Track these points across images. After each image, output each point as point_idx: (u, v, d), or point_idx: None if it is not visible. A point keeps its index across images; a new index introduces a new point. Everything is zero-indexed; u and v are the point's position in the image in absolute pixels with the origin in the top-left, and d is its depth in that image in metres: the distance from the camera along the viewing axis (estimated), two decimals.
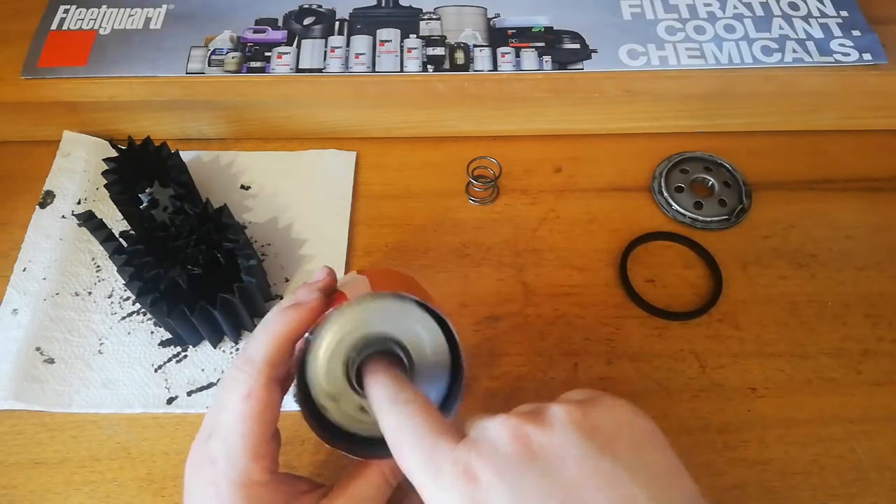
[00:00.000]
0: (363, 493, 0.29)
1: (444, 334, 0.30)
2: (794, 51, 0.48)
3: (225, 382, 0.28)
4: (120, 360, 0.41)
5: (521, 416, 0.24)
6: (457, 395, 0.30)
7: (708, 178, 0.49)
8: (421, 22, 0.51)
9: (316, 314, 0.29)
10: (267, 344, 0.28)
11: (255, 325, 0.33)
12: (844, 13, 0.50)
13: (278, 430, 0.29)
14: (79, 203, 0.47)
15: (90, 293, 0.44)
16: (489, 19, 0.51)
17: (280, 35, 0.50)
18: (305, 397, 0.29)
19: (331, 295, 0.30)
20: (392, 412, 0.26)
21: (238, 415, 0.27)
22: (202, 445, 0.28)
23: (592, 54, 0.49)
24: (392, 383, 0.27)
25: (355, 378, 0.28)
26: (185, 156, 0.48)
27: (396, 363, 0.29)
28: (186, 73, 0.48)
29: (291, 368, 0.29)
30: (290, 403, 0.29)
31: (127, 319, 0.43)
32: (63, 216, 0.47)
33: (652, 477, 0.23)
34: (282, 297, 0.44)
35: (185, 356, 0.42)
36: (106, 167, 0.44)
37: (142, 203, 0.46)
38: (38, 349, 0.41)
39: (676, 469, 0.24)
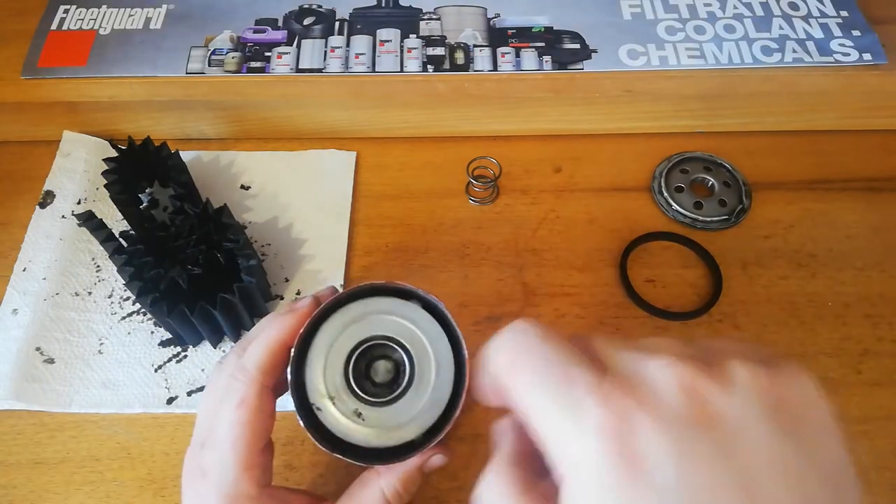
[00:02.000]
0: None
1: (443, 325, 0.30)
2: (794, 51, 0.48)
3: (217, 390, 0.28)
4: (120, 360, 0.41)
5: (695, 366, 0.20)
6: (458, 398, 0.30)
7: (708, 178, 0.49)
8: (421, 22, 0.51)
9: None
10: (260, 351, 0.27)
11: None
12: (844, 13, 0.50)
13: (272, 441, 0.29)
14: (79, 203, 0.47)
15: (90, 293, 0.44)
16: (489, 19, 0.51)
17: (280, 35, 0.50)
18: (301, 400, 0.28)
19: None
20: (504, 334, 0.21)
21: (230, 423, 0.26)
22: (195, 454, 0.27)
23: (592, 54, 0.49)
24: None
25: (354, 380, 0.28)
26: (185, 156, 0.48)
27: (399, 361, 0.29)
28: (186, 73, 0.48)
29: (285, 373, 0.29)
30: (289, 404, 0.29)
31: (127, 319, 0.43)
32: (63, 216, 0.47)
33: (834, 478, 0.19)
34: (282, 298, 0.44)
35: (186, 356, 0.42)
36: (106, 167, 0.44)
37: (142, 203, 0.46)
38: (38, 349, 0.41)
39: (852, 472, 0.20)
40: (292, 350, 0.28)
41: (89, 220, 0.40)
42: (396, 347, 0.29)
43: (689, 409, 0.19)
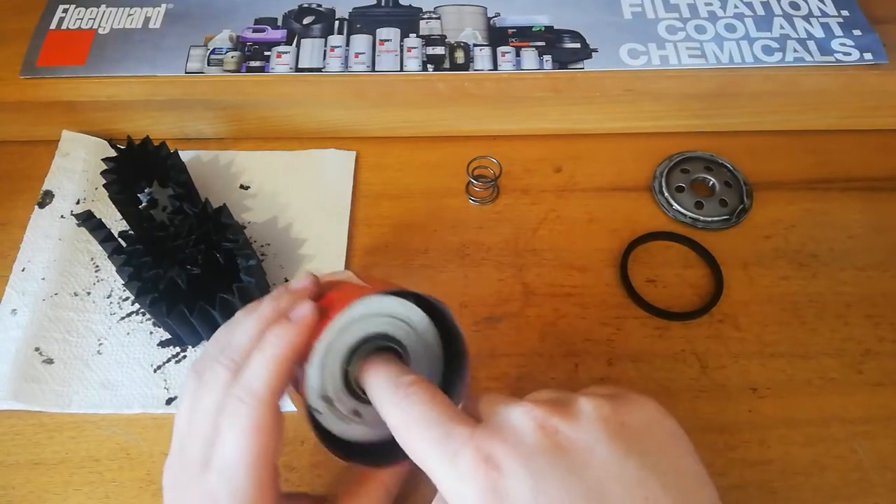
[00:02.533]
0: None
1: (437, 323, 0.30)
2: (795, 50, 0.48)
3: (213, 407, 0.26)
4: (119, 360, 0.41)
5: (547, 406, 0.23)
6: (461, 382, 0.30)
7: (709, 177, 0.49)
8: (421, 21, 0.51)
9: (313, 331, 0.27)
10: (268, 371, 0.26)
11: None
12: (845, 12, 0.50)
13: None
14: (78, 203, 0.47)
15: (89, 293, 0.44)
16: (489, 18, 0.51)
17: (279, 34, 0.50)
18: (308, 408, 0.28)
19: (318, 300, 0.30)
20: (396, 400, 0.25)
21: (245, 451, 0.25)
22: (197, 478, 0.26)
23: (593, 53, 0.49)
24: (393, 371, 0.26)
25: (354, 380, 0.28)
26: (185, 155, 0.47)
27: (396, 358, 0.28)
28: (185, 73, 0.48)
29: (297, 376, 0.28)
30: (287, 405, 0.28)
31: (126, 320, 0.43)
32: (62, 216, 0.47)
33: (678, 482, 0.22)
34: None
35: (185, 356, 0.41)
36: (105, 167, 0.44)
37: (141, 203, 0.45)
38: (36, 349, 0.41)
39: (701, 476, 0.23)
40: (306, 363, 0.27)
41: (88, 220, 0.40)
42: (393, 346, 0.29)
43: (543, 440, 0.22)
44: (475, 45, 0.49)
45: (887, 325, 0.43)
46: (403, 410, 0.24)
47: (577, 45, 0.49)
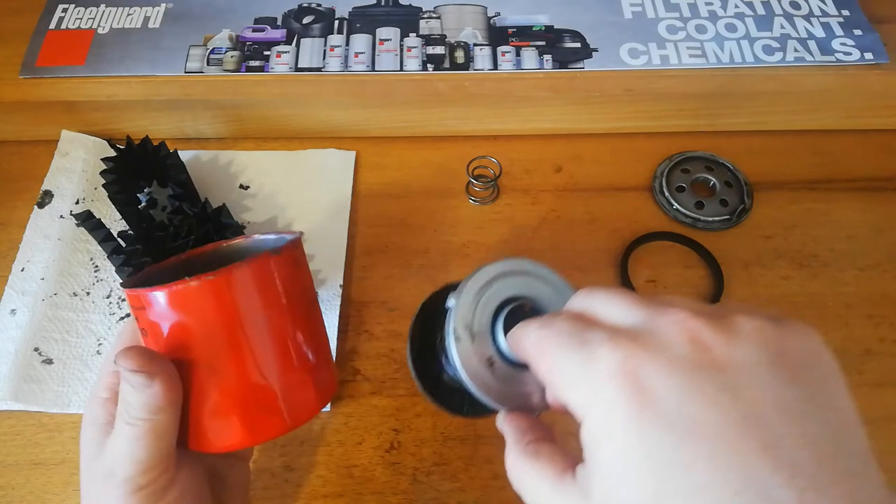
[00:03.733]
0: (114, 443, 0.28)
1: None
2: (796, 50, 0.48)
3: None
4: None
5: (702, 319, 0.21)
6: None
7: (709, 177, 0.49)
8: (421, 21, 0.51)
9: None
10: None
11: None
12: (846, 12, 0.50)
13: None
14: (77, 203, 0.47)
15: (88, 293, 0.44)
16: (489, 18, 0.51)
17: (279, 34, 0.50)
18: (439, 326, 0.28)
19: None
20: (536, 327, 0.24)
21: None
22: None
23: (593, 53, 0.49)
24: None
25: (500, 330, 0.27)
26: (184, 155, 0.47)
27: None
28: (185, 73, 0.48)
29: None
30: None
31: (125, 320, 0.43)
32: (61, 216, 0.46)
33: (835, 418, 0.21)
34: None
35: None
36: (104, 167, 0.44)
37: (140, 203, 0.45)
38: (36, 350, 0.41)
39: (854, 416, 0.22)
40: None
41: (88, 220, 0.40)
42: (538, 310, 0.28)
43: (696, 354, 0.20)
44: (475, 45, 0.49)
45: (887, 325, 0.43)
46: (540, 325, 0.23)
47: (578, 45, 0.49)
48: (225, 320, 0.27)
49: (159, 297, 0.26)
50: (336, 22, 0.51)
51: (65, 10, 0.51)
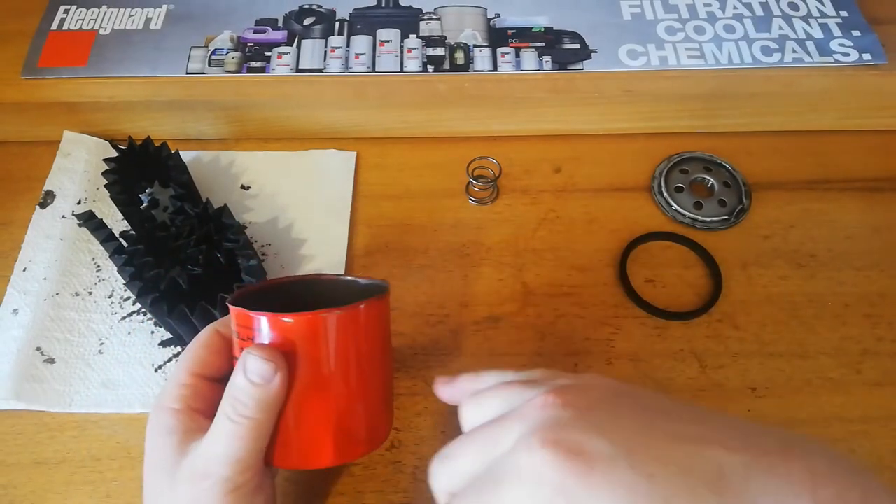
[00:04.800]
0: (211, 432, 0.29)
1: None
2: (794, 51, 0.48)
3: None
4: (120, 360, 0.41)
5: (550, 392, 0.24)
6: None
7: (708, 178, 0.49)
8: (421, 22, 0.51)
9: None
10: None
11: None
12: (844, 13, 0.51)
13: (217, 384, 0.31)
14: (79, 203, 0.47)
15: (90, 293, 0.44)
16: (489, 19, 0.51)
17: (280, 35, 0.50)
18: None
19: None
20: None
21: (183, 354, 0.32)
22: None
23: (592, 54, 0.49)
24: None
25: None
26: (186, 156, 0.48)
27: None
28: (187, 74, 0.48)
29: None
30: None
31: (127, 319, 0.43)
32: (63, 216, 0.47)
33: (685, 406, 0.25)
34: None
35: None
36: (106, 167, 0.44)
37: (142, 203, 0.46)
38: (38, 349, 0.41)
39: (666, 399, 0.26)
40: None
41: (89, 220, 0.40)
42: None
43: (576, 411, 0.23)
44: (475, 46, 0.49)
45: (885, 324, 0.43)
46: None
47: (577, 46, 0.49)
48: (343, 351, 0.29)
49: (286, 322, 0.29)
50: (337, 23, 0.51)
51: (66, 12, 0.51)
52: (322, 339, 0.29)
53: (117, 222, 0.46)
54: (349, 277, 0.35)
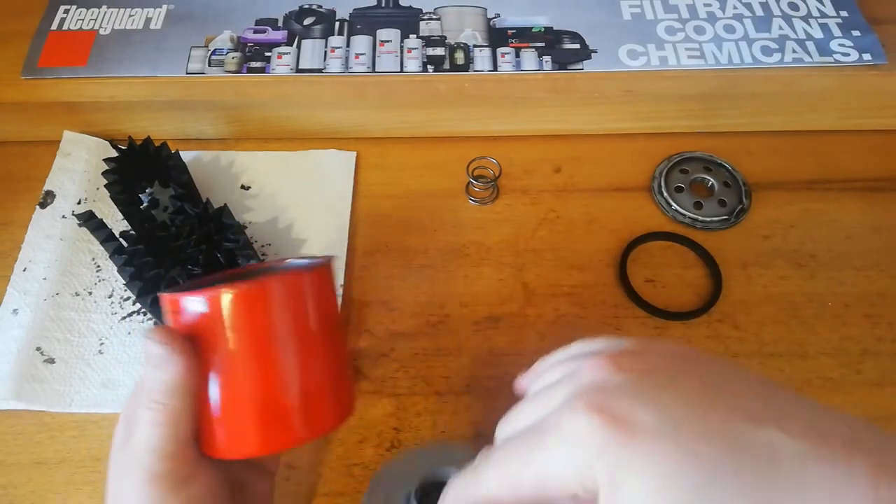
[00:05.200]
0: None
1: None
2: (794, 51, 0.48)
3: None
4: (120, 359, 0.41)
5: (609, 355, 0.23)
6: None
7: (708, 178, 0.49)
8: (421, 22, 0.51)
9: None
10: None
11: None
12: (844, 13, 0.51)
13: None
14: (79, 203, 0.47)
15: (90, 293, 0.44)
16: (489, 19, 0.51)
17: (280, 35, 0.50)
18: None
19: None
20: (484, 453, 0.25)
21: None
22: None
23: (592, 54, 0.49)
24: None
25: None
26: (186, 156, 0.48)
27: None
28: (187, 74, 0.48)
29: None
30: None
31: (127, 319, 0.43)
32: (63, 216, 0.47)
33: (755, 378, 0.23)
34: None
35: None
36: (106, 167, 0.44)
37: (142, 203, 0.46)
38: (38, 349, 0.41)
39: (734, 365, 0.24)
40: None
41: (90, 220, 0.40)
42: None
43: (630, 368, 0.22)
44: (475, 46, 0.49)
45: (885, 324, 0.43)
46: (494, 448, 0.24)
47: (577, 46, 0.49)
48: (253, 330, 0.27)
49: (193, 303, 0.27)
50: (337, 23, 0.51)
51: (66, 12, 0.51)
52: (228, 319, 0.27)
53: (117, 222, 0.46)
54: (294, 260, 0.34)
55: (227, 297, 0.27)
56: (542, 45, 0.49)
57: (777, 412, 0.20)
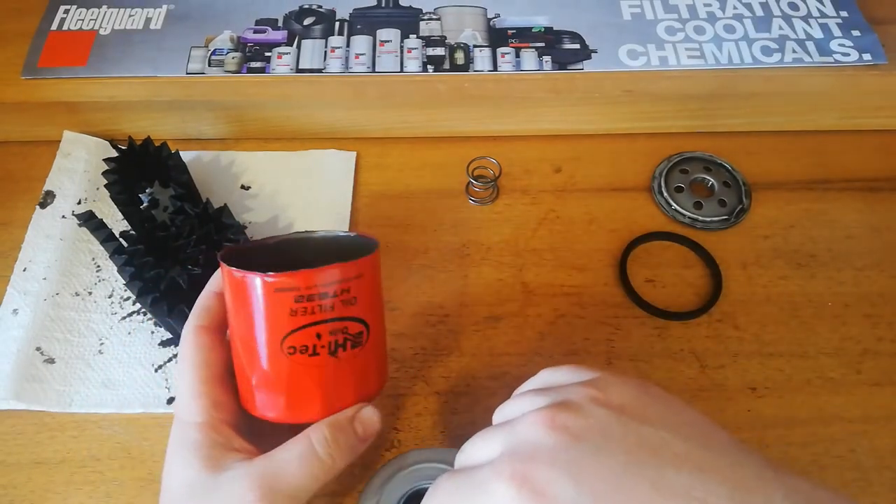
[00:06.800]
0: (285, 457, 0.29)
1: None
2: (794, 51, 0.48)
3: None
4: (120, 359, 0.41)
5: (548, 409, 0.24)
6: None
7: (708, 178, 0.49)
8: (421, 22, 0.51)
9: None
10: (196, 302, 0.33)
11: None
12: (844, 13, 0.51)
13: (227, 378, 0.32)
14: (79, 203, 0.47)
15: (90, 293, 0.44)
16: (489, 19, 0.51)
17: (280, 35, 0.50)
18: None
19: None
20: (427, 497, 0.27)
21: (179, 364, 0.31)
22: None
23: (592, 54, 0.49)
24: None
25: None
26: (186, 156, 0.48)
27: None
28: (187, 74, 0.48)
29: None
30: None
31: (127, 319, 0.43)
32: (63, 216, 0.47)
33: (693, 431, 0.24)
34: None
35: None
36: (106, 167, 0.44)
37: (142, 203, 0.46)
38: (38, 349, 0.41)
39: (707, 421, 0.25)
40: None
41: (90, 220, 0.40)
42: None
43: (562, 437, 0.23)
44: (475, 46, 0.49)
45: (885, 324, 0.43)
46: (427, 499, 0.26)
47: (577, 46, 0.49)
48: (376, 291, 0.32)
49: (253, 281, 0.29)
50: (337, 23, 0.51)
51: (66, 12, 0.51)
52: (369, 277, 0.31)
53: (117, 222, 0.46)
54: (339, 233, 0.35)
55: (366, 260, 0.31)
56: (542, 45, 0.49)
57: (704, 488, 0.21)
